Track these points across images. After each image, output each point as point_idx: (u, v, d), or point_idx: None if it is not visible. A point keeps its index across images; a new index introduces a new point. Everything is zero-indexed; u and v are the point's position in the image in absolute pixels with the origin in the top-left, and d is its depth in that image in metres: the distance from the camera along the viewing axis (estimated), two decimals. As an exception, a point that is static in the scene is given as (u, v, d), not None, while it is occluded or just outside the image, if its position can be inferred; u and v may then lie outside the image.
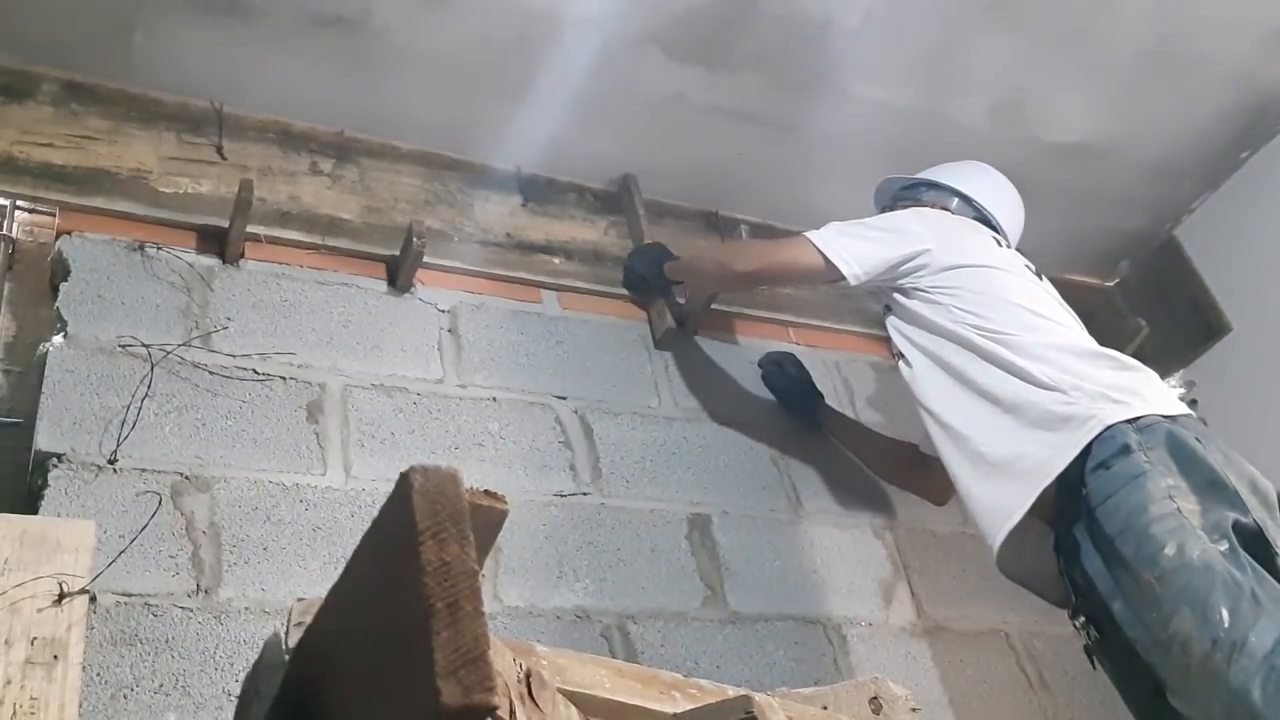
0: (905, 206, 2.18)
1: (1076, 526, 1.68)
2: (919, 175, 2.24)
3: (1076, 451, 1.67)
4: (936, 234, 1.97)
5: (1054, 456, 1.69)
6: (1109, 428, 1.66)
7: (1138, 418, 1.67)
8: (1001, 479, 1.77)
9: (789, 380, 2.36)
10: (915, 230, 1.98)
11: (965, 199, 2.16)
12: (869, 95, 2.19)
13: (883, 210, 2.23)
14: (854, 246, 1.96)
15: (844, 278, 1.95)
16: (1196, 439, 1.65)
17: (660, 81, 2.30)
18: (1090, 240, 2.92)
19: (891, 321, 2.05)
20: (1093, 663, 1.75)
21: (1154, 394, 1.76)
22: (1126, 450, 1.64)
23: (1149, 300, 2.93)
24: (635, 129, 2.36)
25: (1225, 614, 1.47)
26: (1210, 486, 1.60)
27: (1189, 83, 2.59)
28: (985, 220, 2.14)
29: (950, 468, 1.88)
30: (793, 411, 2.36)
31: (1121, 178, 2.78)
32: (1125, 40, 2.47)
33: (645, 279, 2.32)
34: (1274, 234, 2.71)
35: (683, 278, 2.29)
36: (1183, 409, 1.75)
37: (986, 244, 2.02)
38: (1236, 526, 1.56)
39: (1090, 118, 2.62)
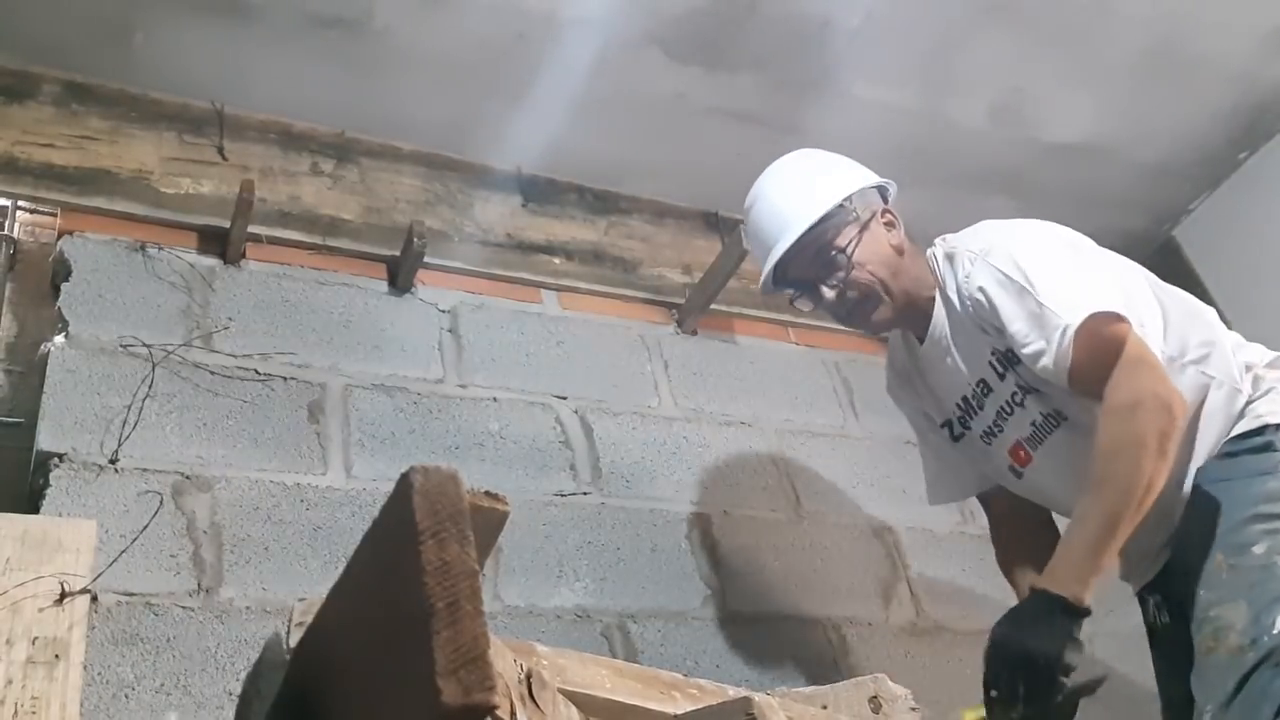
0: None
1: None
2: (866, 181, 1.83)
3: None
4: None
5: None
6: (1264, 423, 1.60)
7: None
8: None
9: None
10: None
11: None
12: (869, 96, 2.19)
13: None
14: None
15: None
16: None
17: (660, 81, 2.29)
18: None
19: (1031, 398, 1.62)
20: (1151, 643, 1.71)
21: None
22: (1268, 448, 1.58)
23: (1149, 300, 2.93)
24: (635, 129, 2.36)
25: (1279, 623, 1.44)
26: None
27: (1189, 83, 2.58)
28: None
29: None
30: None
31: (1121, 178, 2.78)
32: (1125, 41, 2.46)
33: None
34: (1273, 234, 2.70)
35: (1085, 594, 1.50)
36: None
37: None
38: None
39: (1090, 118, 2.61)
